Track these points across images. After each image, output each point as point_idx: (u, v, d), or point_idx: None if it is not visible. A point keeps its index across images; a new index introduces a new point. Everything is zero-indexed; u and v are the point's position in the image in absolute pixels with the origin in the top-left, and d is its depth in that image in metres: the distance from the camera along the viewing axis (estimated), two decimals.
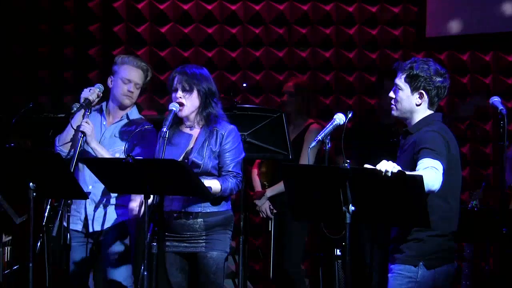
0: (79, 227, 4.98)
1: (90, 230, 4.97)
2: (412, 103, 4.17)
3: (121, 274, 4.95)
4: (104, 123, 5.08)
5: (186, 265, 4.73)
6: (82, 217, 4.97)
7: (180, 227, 4.65)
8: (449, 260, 4.10)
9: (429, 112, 4.19)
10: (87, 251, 5.00)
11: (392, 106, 4.22)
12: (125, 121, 5.08)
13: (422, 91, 4.15)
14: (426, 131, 4.09)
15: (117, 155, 4.96)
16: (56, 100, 7.31)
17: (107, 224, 4.97)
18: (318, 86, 7.51)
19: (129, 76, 5.02)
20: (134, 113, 5.12)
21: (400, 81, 4.18)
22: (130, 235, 4.98)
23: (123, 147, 4.98)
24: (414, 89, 4.15)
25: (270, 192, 6.31)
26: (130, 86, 5.02)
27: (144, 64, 5.09)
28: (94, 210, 4.97)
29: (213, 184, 4.55)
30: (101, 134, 5.03)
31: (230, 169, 4.65)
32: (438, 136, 4.05)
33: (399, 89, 4.18)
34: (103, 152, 4.88)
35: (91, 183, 4.91)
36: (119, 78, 5.02)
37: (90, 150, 4.91)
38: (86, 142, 4.83)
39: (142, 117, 5.17)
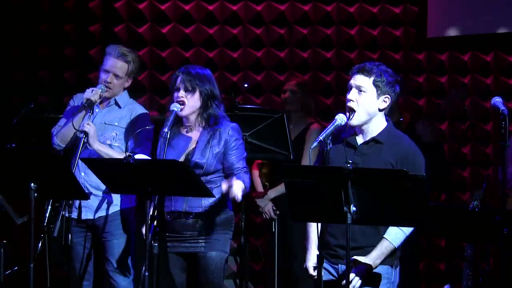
0: (75, 214, 5.03)
1: (83, 217, 5.00)
2: (375, 108, 4.16)
3: (120, 264, 4.96)
4: (97, 110, 5.09)
5: (187, 265, 4.74)
6: (77, 204, 5.01)
7: (181, 227, 4.66)
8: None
9: (384, 118, 4.20)
10: (85, 240, 5.05)
11: (353, 112, 4.14)
12: (113, 106, 5.11)
13: (388, 96, 4.15)
14: (407, 146, 4.14)
15: (108, 142, 4.98)
16: (56, 100, 7.31)
17: (101, 213, 4.99)
18: (318, 86, 7.51)
19: (108, 66, 5.03)
20: (123, 97, 5.13)
21: (368, 83, 4.14)
22: (129, 224, 5.01)
23: (113, 133, 5.00)
24: (380, 94, 4.15)
25: (273, 193, 6.29)
26: (108, 76, 5.02)
27: (127, 53, 5.05)
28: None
29: (241, 184, 4.51)
30: (92, 120, 5.04)
31: (241, 166, 4.66)
32: (418, 151, 4.14)
33: (363, 91, 4.14)
34: (107, 151, 4.89)
35: (83, 169, 4.92)
36: (101, 68, 5.07)
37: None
38: (88, 143, 4.84)
39: (133, 101, 5.18)
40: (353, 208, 3.77)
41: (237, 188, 4.47)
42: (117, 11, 7.42)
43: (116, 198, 5.03)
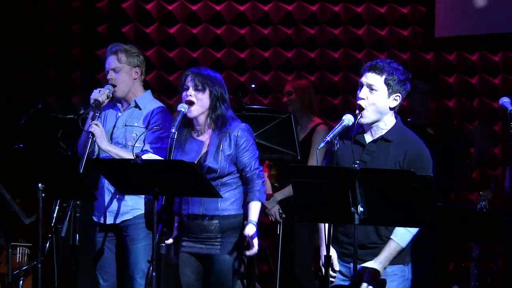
0: (100, 219, 5.06)
1: (107, 222, 5.03)
2: (386, 106, 4.15)
3: (141, 270, 4.97)
4: (120, 114, 5.12)
5: (199, 266, 4.75)
6: (102, 209, 5.03)
7: (196, 228, 4.67)
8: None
9: (393, 116, 4.20)
10: (111, 243, 5.07)
11: (364, 110, 4.12)
12: (133, 107, 5.11)
13: (399, 94, 4.15)
14: (415, 145, 4.13)
15: (129, 144, 4.99)
16: (64, 100, 7.32)
17: (124, 217, 5.00)
18: (326, 86, 7.50)
19: (106, 66, 5.11)
20: (144, 98, 5.14)
21: (379, 82, 4.13)
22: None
23: (134, 134, 5.01)
24: (391, 92, 4.13)
25: (279, 195, 6.28)
26: (109, 74, 5.08)
27: (115, 45, 5.11)
28: (112, 202, 5.00)
29: (257, 210, 4.65)
30: (115, 125, 5.06)
31: (253, 167, 4.68)
32: (426, 150, 4.13)
33: (375, 89, 4.13)
34: (117, 151, 4.88)
35: None
36: None
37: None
38: (97, 145, 4.84)
39: (155, 100, 5.19)
40: (360, 209, 3.76)
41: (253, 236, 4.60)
42: (125, 11, 7.43)
43: (139, 202, 5.05)
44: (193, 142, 4.73)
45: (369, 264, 4.06)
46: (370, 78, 4.14)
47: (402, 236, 4.08)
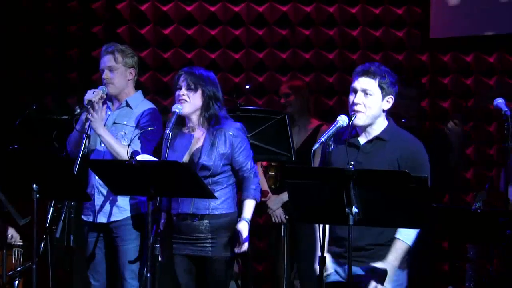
0: (90, 218, 5.06)
1: (97, 221, 5.03)
2: (381, 109, 4.19)
3: (131, 270, 4.97)
4: (110, 112, 5.16)
5: (192, 266, 4.76)
6: (92, 208, 5.04)
7: (187, 229, 4.68)
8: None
9: (385, 117, 4.23)
10: (102, 244, 5.07)
11: (360, 112, 4.15)
12: (125, 107, 5.13)
13: (392, 96, 4.18)
14: (411, 143, 4.17)
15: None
16: (61, 101, 7.32)
17: (116, 217, 5.00)
18: (321, 87, 7.50)
19: (101, 65, 5.15)
20: (135, 98, 5.16)
21: (373, 85, 4.16)
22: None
23: (122, 132, 5.01)
24: (385, 95, 4.17)
25: (286, 196, 6.23)
26: (104, 73, 5.11)
27: (111, 45, 5.15)
28: (102, 202, 5.01)
29: (251, 208, 4.68)
30: (104, 123, 5.07)
31: (249, 167, 4.71)
32: (421, 147, 4.17)
33: (370, 94, 4.15)
34: (109, 139, 4.90)
35: None
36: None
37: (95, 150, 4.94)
38: (92, 128, 4.86)
39: (146, 101, 5.22)
40: (355, 210, 3.77)
41: (244, 233, 4.61)
42: (120, 13, 7.43)
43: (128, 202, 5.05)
44: (183, 137, 4.74)
45: (377, 264, 4.07)
46: (364, 83, 4.17)
47: (406, 233, 4.08)
